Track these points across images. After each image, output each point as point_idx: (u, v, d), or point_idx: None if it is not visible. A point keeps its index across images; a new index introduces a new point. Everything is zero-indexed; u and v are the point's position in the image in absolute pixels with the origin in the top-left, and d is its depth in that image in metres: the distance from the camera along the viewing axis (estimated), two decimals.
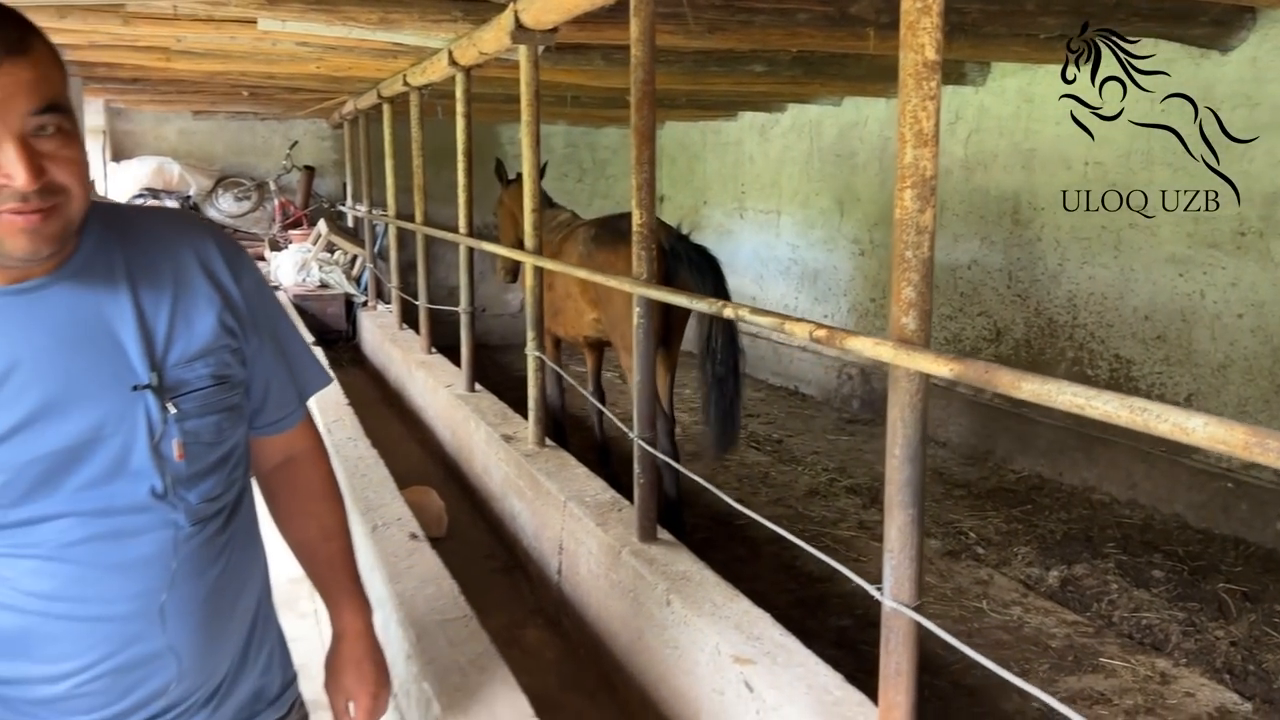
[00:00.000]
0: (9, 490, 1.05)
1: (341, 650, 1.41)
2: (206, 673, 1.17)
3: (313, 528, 1.40)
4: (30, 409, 1.05)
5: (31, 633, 1.08)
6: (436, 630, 1.91)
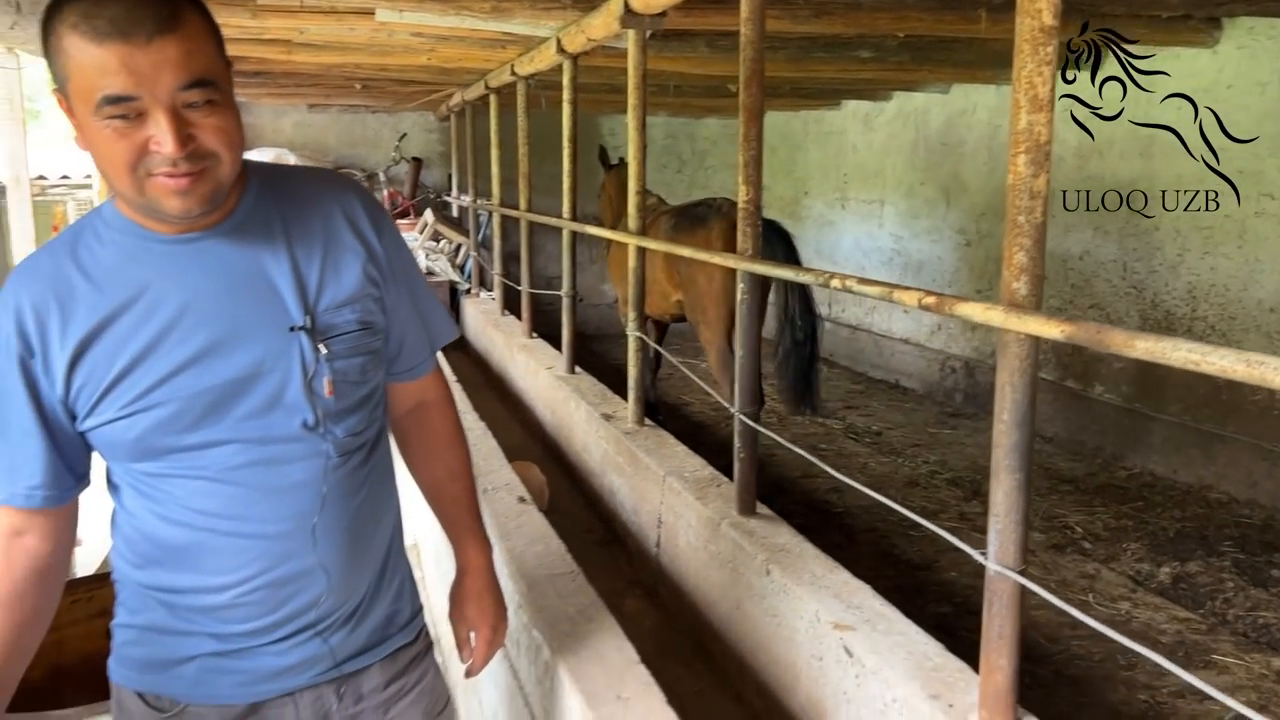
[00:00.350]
0: (182, 417, 1.18)
1: (464, 584, 1.52)
2: (349, 591, 1.29)
3: (440, 469, 1.51)
4: (200, 346, 1.18)
5: (200, 547, 1.22)
6: (546, 583, 2.01)
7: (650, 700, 1.55)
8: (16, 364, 1.18)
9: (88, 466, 1.28)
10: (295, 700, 1.29)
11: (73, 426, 1.21)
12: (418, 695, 1.41)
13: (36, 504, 1.22)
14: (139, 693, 1.28)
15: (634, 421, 3.50)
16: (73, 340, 1.17)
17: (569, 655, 1.68)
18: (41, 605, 1.29)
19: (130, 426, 1.18)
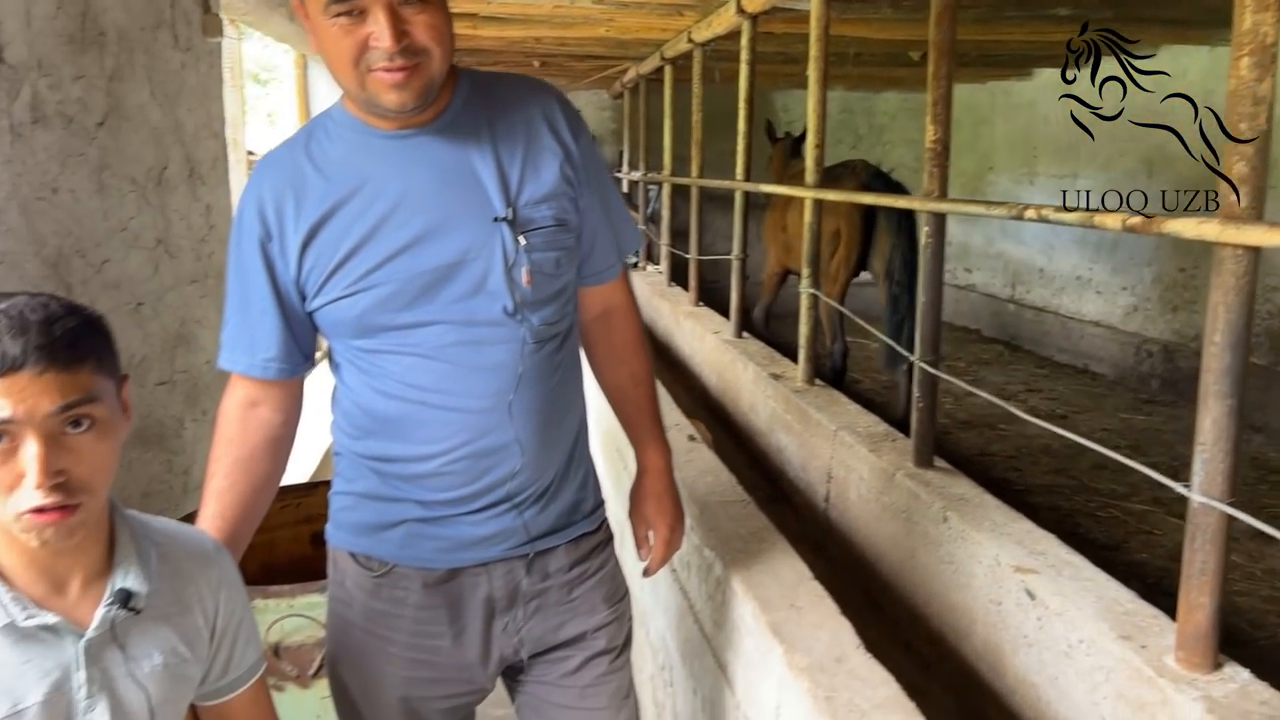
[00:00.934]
0: (398, 297, 1.30)
1: (644, 484, 1.59)
2: (540, 469, 1.38)
3: (624, 374, 1.58)
4: (415, 233, 1.30)
5: (410, 419, 1.33)
6: (717, 509, 2.07)
7: (824, 609, 1.57)
8: (258, 247, 1.33)
9: (314, 348, 1.43)
10: (489, 571, 1.40)
11: (302, 307, 1.36)
12: (599, 580, 1.49)
13: (271, 375, 1.38)
14: (352, 553, 1.42)
15: (804, 380, 3.50)
16: (305, 225, 1.31)
17: (741, 570, 1.72)
18: (271, 472, 1.45)
19: (353, 305, 1.31)
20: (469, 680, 1.45)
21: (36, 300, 0.98)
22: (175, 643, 1.13)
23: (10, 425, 0.94)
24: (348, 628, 1.44)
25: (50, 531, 0.98)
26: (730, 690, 1.71)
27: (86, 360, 0.99)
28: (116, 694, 1.07)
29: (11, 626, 1.00)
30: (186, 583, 1.16)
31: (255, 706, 1.25)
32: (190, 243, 2.51)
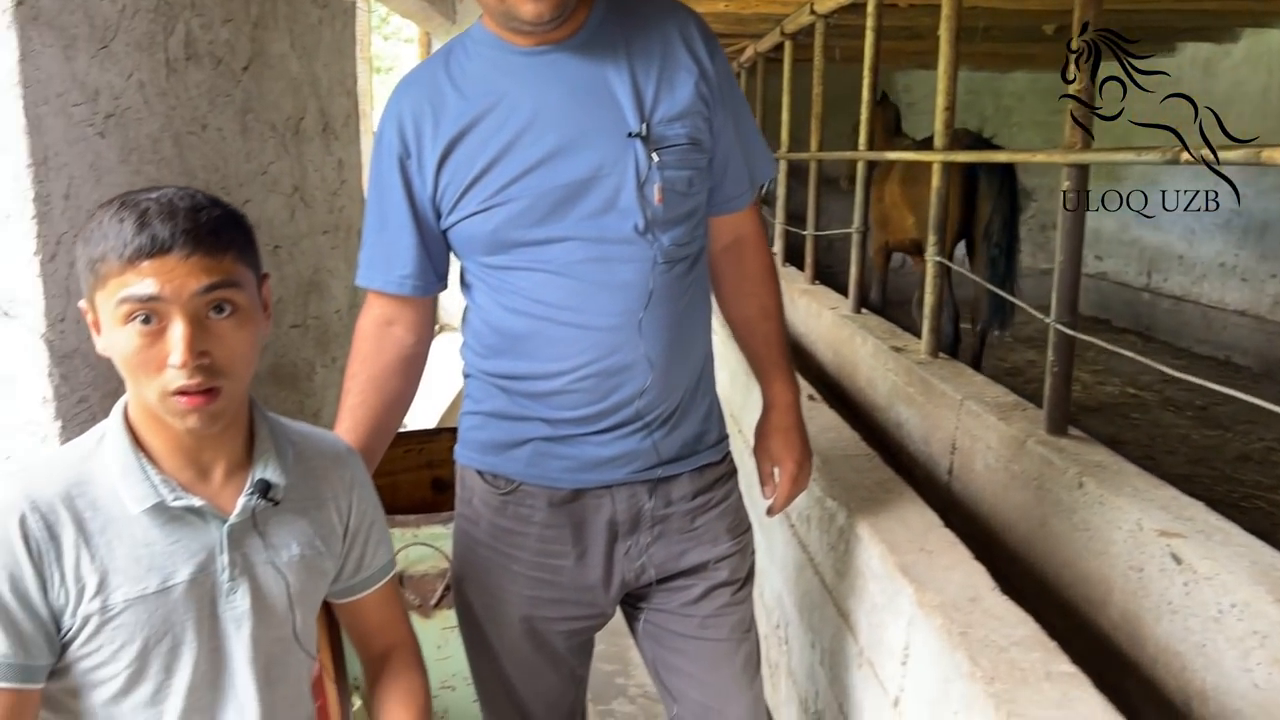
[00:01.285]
0: (531, 213, 1.31)
1: (771, 419, 1.57)
2: (668, 390, 1.37)
3: (753, 306, 1.56)
4: (549, 148, 1.30)
5: (538, 335, 1.34)
6: (840, 462, 2.02)
7: (956, 554, 1.52)
8: (397, 164, 1.36)
9: (447, 267, 1.45)
10: (613, 493, 1.40)
11: (437, 224, 1.38)
12: (722, 511, 1.47)
13: (406, 291, 1.41)
14: (479, 471, 1.44)
15: (927, 352, 3.41)
16: (442, 141, 1.33)
17: (866, 518, 1.68)
18: (403, 390, 1.48)
19: (486, 220, 1.33)
20: (590, 603, 1.45)
21: (184, 190, 1.03)
22: (311, 536, 1.16)
23: (158, 304, 0.98)
24: (474, 545, 1.46)
25: (194, 417, 1.01)
26: (853, 638, 1.67)
27: (230, 248, 1.02)
28: (257, 579, 1.11)
29: (161, 506, 1.05)
30: (321, 481, 1.19)
31: (387, 606, 1.28)
32: (323, 194, 2.60)
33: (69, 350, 1.41)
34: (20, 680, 0.99)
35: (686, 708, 1.48)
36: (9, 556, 0.99)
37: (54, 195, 1.37)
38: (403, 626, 1.30)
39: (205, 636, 1.08)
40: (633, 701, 2.53)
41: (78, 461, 1.05)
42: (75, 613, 1.01)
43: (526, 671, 1.49)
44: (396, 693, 1.25)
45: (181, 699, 1.07)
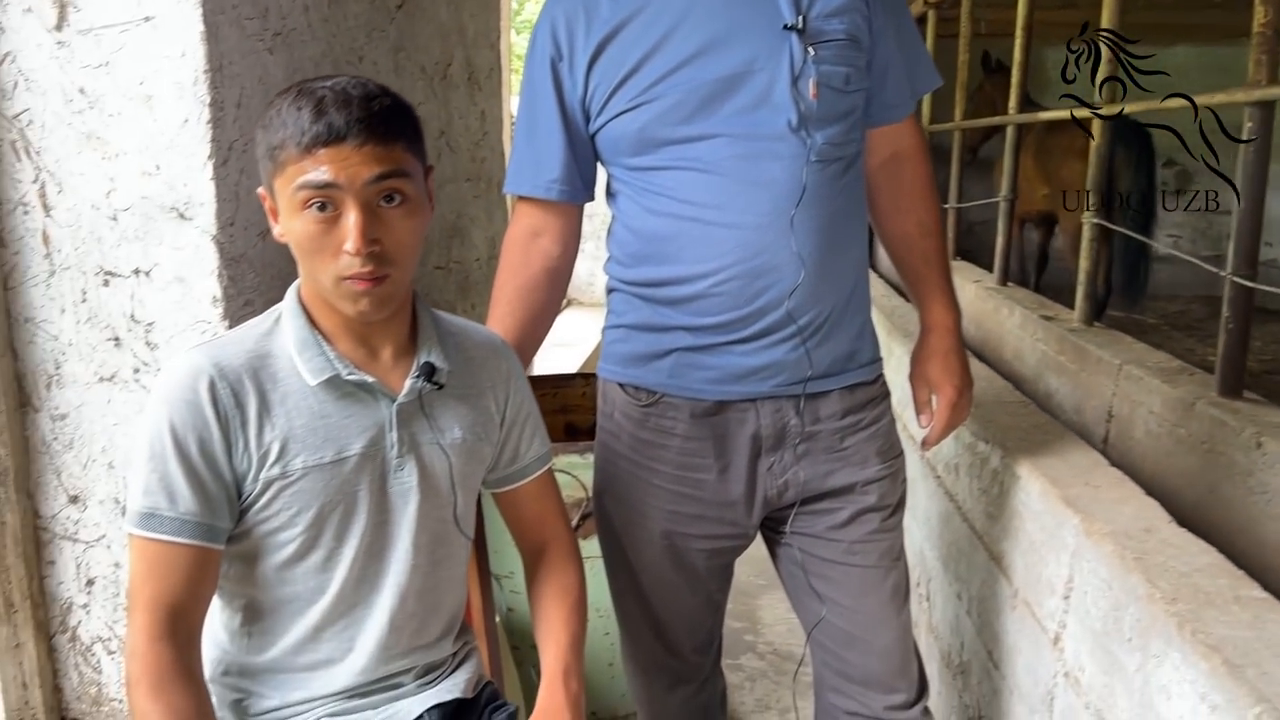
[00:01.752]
0: (680, 109, 1.29)
1: (929, 342, 1.51)
2: (818, 295, 1.33)
3: (911, 223, 1.50)
4: (700, 43, 1.28)
5: (682, 236, 1.32)
6: (993, 406, 1.94)
7: (1126, 489, 1.43)
8: (549, 67, 1.37)
9: (594, 176, 1.45)
10: (757, 407, 1.37)
11: (586, 128, 1.38)
12: (873, 434, 1.42)
13: (553, 196, 1.41)
14: (620, 384, 1.44)
15: (1080, 320, 3.23)
16: (594, 41, 1.33)
17: (1023, 458, 1.60)
18: (549, 301, 1.49)
19: (634, 119, 1.31)
20: (732, 521, 1.43)
21: (357, 79, 1.05)
22: (472, 421, 1.19)
23: (333, 191, 1.00)
24: (614, 459, 1.45)
25: (365, 300, 1.05)
26: (1006, 580, 1.59)
27: (400, 138, 1.04)
28: (423, 458, 1.14)
29: (336, 380, 1.09)
30: (479, 370, 1.21)
31: (544, 499, 1.30)
32: (467, 143, 2.66)
33: (238, 254, 1.48)
34: (205, 539, 1.04)
35: (829, 635, 1.44)
36: (199, 419, 1.04)
37: (227, 103, 1.44)
38: (559, 522, 1.32)
39: (374, 509, 1.12)
40: (762, 658, 2.49)
41: (259, 337, 1.11)
42: (257, 478, 1.06)
43: (664, 590, 1.48)
44: (552, 587, 1.26)
45: (349, 566, 1.11)
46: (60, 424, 1.50)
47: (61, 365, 1.49)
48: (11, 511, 1.51)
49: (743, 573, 3.01)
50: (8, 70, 1.41)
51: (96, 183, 1.43)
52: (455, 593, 1.24)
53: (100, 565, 1.55)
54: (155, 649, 1.01)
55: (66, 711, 1.61)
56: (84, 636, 1.58)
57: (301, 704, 1.13)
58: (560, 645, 1.21)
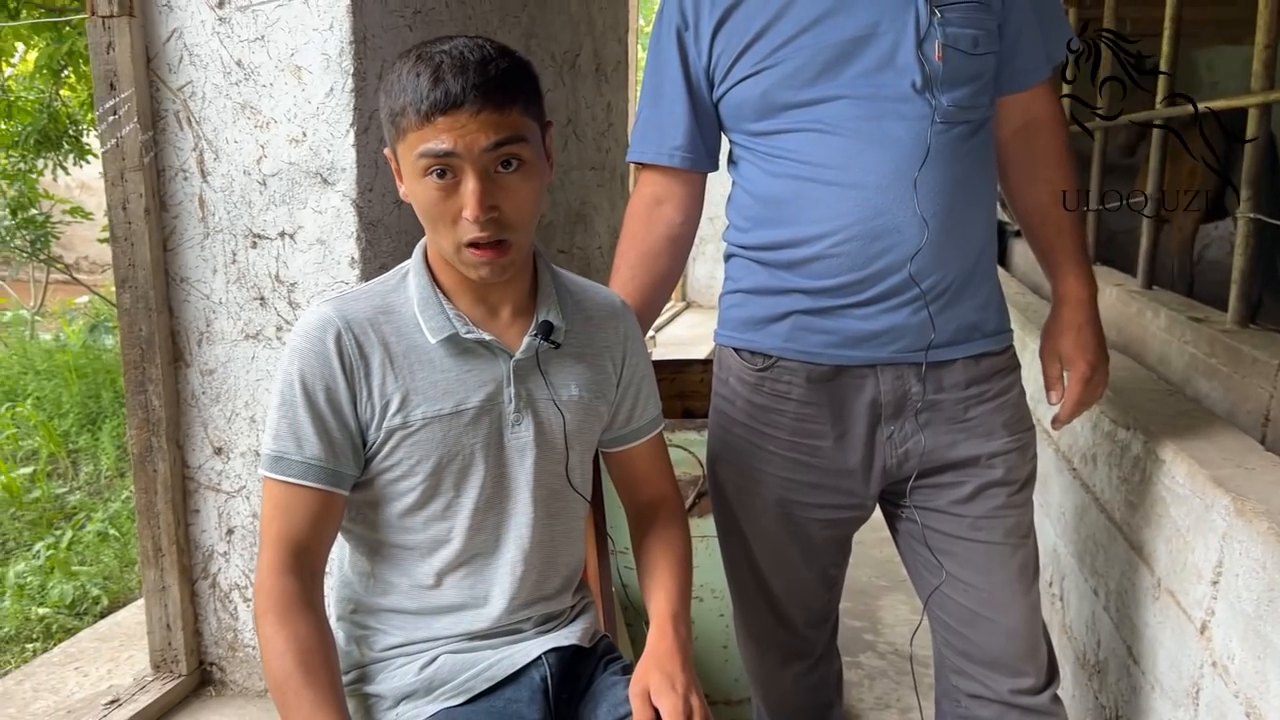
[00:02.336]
0: (803, 72, 1.29)
1: (1062, 315, 1.45)
2: (941, 260, 1.30)
3: (1044, 192, 1.45)
4: (825, 7, 1.28)
5: (802, 198, 1.31)
6: (1134, 394, 1.86)
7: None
8: (675, 36, 1.38)
9: (717, 145, 1.46)
10: (877, 373, 1.34)
11: (710, 97, 1.39)
12: (999, 405, 1.38)
13: (676, 163, 1.43)
14: (736, 349, 1.43)
15: (1234, 322, 3.04)
16: (718, 11, 1.34)
17: (1168, 443, 1.51)
18: (670, 269, 1.50)
19: (757, 83, 1.32)
20: (849, 491, 1.40)
21: (474, 41, 1.06)
22: (588, 380, 1.21)
23: (452, 159, 1.03)
24: (729, 425, 1.45)
25: (485, 269, 1.08)
26: (1148, 570, 1.51)
27: (516, 101, 1.05)
28: (539, 413, 1.17)
29: (455, 338, 1.12)
30: (597, 330, 1.23)
31: (655, 459, 1.31)
32: (593, 132, 2.71)
33: (375, 219, 1.55)
34: (330, 483, 1.10)
35: (951, 613, 1.40)
36: (326, 369, 1.09)
37: (369, 74, 1.52)
38: (668, 482, 1.32)
39: (492, 461, 1.15)
40: (882, 657, 2.43)
41: (385, 293, 1.15)
42: (380, 426, 1.11)
43: (779, 560, 1.47)
44: (660, 543, 1.27)
45: (469, 517, 1.15)
46: (208, 379, 1.60)
47: (211, 323, 1.59)
48: (163, 460, 1.61)
49: (862, 574, 2.97)
50: (174, 46, 1.52)
51: (249, 150, 1.53)
52: (573, 549, 1.26)
53: (240, 515, 1.65)
54: (281, 582, 1.07)
55: (205, 655, 1.71)
56: (223, 584, 1.68)
57: (424, 642, 1.17)
58: (669, 591, 1.21)
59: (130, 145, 1.52)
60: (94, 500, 4.62)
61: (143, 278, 1.56)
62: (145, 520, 1.64)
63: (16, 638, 3.41)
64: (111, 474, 5.02)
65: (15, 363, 6.30)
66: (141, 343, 1.58)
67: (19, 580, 3.70)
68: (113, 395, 5.69)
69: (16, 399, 5.77)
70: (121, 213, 1.55)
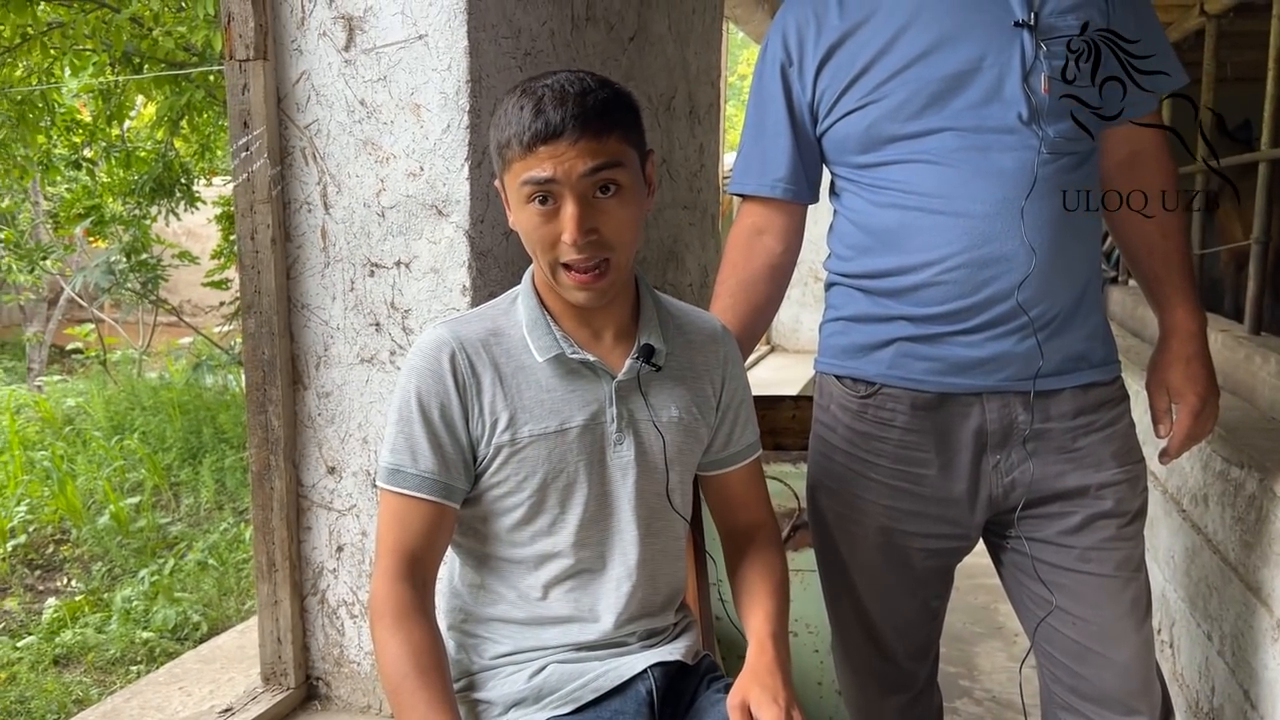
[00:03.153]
0: (907, 105, 1.32)
1: (1170, 347, 1.44)
2: (1049, 289, 1.30)
3: (1151, 224, 1.45)
4: (931, 41, 1.32)
5: (907, 227, 1.34)
6: (1247, 432, 1.81)
7: None
8: (779, 72, 1.43)
9: (818, 178, 1.50)
10: (983, 401, 1.35)
11: (813, 131, 1.43)
12: (1108, 436, 1.37)
13: (778, 194, 1.47)
14: (838, 376, 1.45)
15: None
16: (822, 48, 1.39)
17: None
18: (770, 296, 1.54)
19: (862, 117, 1.36)
20: (954, 520, 1.40)
21: (575, 75, 1.12)
22: (688, 402, 1.24)
23: (552, 186, 1.09)
24: (830, 452, 1.47)
25: (583, 293, 1.13)
26: (1266, 611, 1.47)
27: (614, 130, 1.10)
28: (640, 433, 1.20)
29: (561, 358, 1.17)
30: (697, 353, 1.27)
31: (752, 484, 1.33)
32: (686, 173, 2.78)
33: (485, 249, 1.62)
34: (442, 496, 1.15)
35: (1060, 648, 1.38)
36: (440, 386, 1.15)
37: (483, 111, 1.60)
38: (765, 508, 1.34)
39: (595, 479, 1.19)
40: (979, 704, 2.38)
41: (496, 316, 1.21)
42: (490, 443, 1.16)
43: (879, 590, 1.47)
44: (757, 566, 1.29)
45: (573, 533, 1.19)
46: (324, 401, 1.69)
47: (329, 347, 1.67)
48: (280, 478, 1.70)
49: (956, 619, 2.92)
50: (302, 87, 1.63)
51: (369, 184, 1.62)
52: (674, 567, 1.29)
53: (349, 533, 1.71)
54: (395, 589, 1.12)
55: (312, 670, 1.77)
56: (331, 600, 1.74)
57: (532, 651, 1.21)
58: (767, 611, 1.23)
59: (260, 179, 1.63)
60: (194, 531, 4.81)
61: (267, 304, 1.66)
62: (261, 536, 1.72)
63: (122, 659, 3.56)
64: (211, 506, 5.22)
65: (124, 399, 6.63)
66: (264, 365, 1.67)
67: (125, 605, 3.86)
68: (212, 431, 5.94)
69: (125, 433, 6.06)
70: (250, 242, 1.65)
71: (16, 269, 7.58)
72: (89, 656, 3.58)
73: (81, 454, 5.77)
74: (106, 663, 3.56)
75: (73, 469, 5.43)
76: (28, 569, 4.58)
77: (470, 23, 1.55)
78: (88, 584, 4.28)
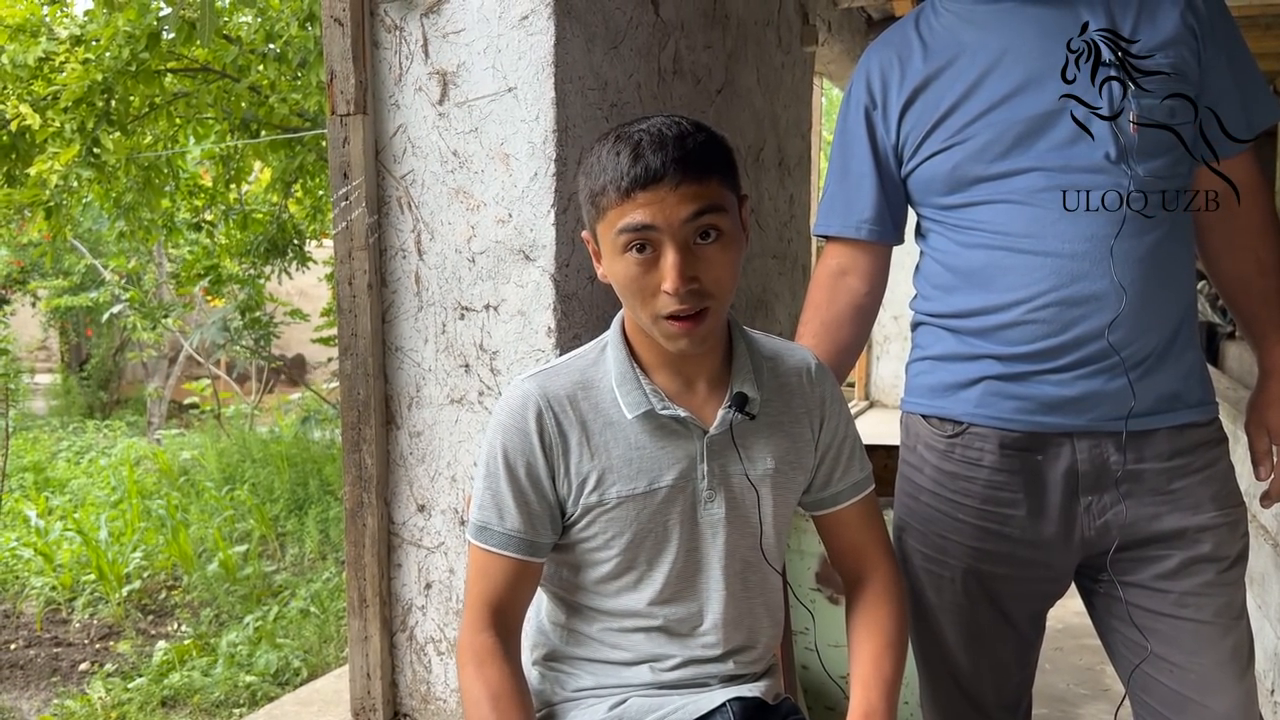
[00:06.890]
0: (993, 146, 1.34)
1: (1269, 387, 1.42)
2: (1141, 329, 1.29)
3: (1249, 262, 1.43)
4: (1016, 83, 1.34)
5: (994, 266, 1.35)
6: None
7: None
8: (863, 115, 1.47)
9: (903, 220, 1.52)
10: (1073, 441, 1.34)
11: (898, 173, 1.46)
12: (1206, 478, 1.34)
13: (863, 236, 1.49)
14: (924, 415, 1.45)
15: None
16: (907, 90, 1.42)
17: None
18: (854, 336, 1.55)
19: (947, 158, 1.38)
20: (1045, 564, 1.38)
21: (670, 119, 1.12)
22: (785, 450, 1.24)
23: (652, 233, 1.08)
24: (916, 492, 1.46)
25: (684, 341, 1.13)
26: None
27: (713, 173, 1.10)
28: (731, 489, 1.21)
29: (651, 414, 1.18)
30: (793, 395, 1.26)
31: (864, 526, 1.31)
32: (775, 223, 2.82)
33: (571, 292, 1.69)
34: (527, 553, 1.19)
35: (1157, 697, 1.33)
36: (527, 445, 1.17)
37: (569, 159, 1.68)
38: (879, 551, 1.30)
39: (685, 537, 1.20)
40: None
41: (585, 367, 1.22)
42: (577, 503, 1.18)
43: (969, 636, 1.44)
44: (865, 621, 1.26)
45: (662, 589, 1.20)
46: (416, 440, 1.76)
47: (421, 388, 1.76)
48: (372, 515, 1.77)
49: (1059, 680, 2.81)
50: (399, 139, 1.74)
51: (460, 230, 1.71)
52: (768, 621, 1.28)
53: (438, 570, 1.77)
54: (479, 638, 1.17)
55: (400, 706, 1.82)
56: (419, 636, 1.80)
57: (614, 688, 1.23)
58: (866, 686, 1.19)
59: (358, 227, 1.74)
60: (298, 579, 4.98)
61: (363, 346, 1.75)
62: (353, 572, 1.80)
63: (226, 702, 3.70)
64: (314, 556, 5.41)
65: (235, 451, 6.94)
66: (359, 405, 1.76)
67: (231, 649, 4.02)
68: (318, 484, 6.17)
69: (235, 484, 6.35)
70: (348, 288, 1.76)
71: (141, 327, 8.09)
72: (195, 698, 3.73)
73: (194, 504, 6.07)
74: (211, 705, 3.71)
75: (186, 518, 5.71)
76: (141, 613, 4.81)
77: (557, 75, 1.63)
78: (196, 628, 4.48)
